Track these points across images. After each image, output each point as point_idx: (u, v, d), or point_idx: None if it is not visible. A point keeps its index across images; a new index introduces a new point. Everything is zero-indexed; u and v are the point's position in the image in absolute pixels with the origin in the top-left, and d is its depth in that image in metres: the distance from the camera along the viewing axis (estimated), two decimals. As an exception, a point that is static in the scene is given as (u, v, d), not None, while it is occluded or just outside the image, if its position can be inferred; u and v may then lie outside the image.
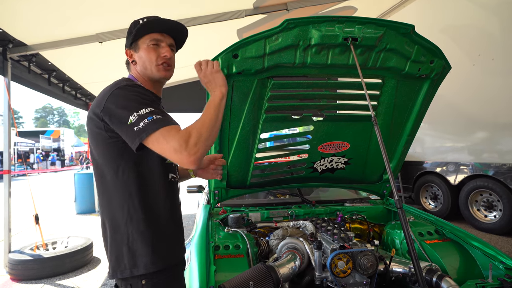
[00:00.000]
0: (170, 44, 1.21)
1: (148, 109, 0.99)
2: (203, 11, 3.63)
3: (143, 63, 1.16)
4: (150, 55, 1.16)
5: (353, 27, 1.42)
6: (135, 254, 1.05)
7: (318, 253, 1.42)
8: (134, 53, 1.19)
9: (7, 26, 3.08)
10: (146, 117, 0.97)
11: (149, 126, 0.96)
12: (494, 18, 4.34)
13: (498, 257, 1.54)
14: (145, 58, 1.16)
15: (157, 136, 0.96)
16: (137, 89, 1.07)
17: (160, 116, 0.99)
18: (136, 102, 1.01)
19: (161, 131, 0.96)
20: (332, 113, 1.80)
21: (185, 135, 0.98)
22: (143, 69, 1.17)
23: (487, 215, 4.81)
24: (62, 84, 5.03)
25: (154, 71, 1.16)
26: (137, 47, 1.18)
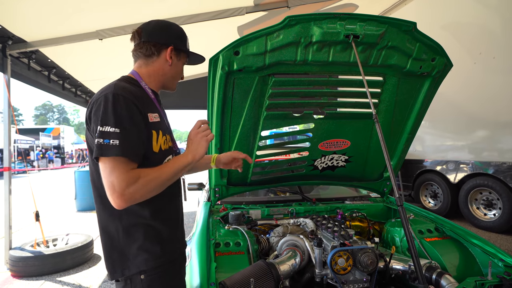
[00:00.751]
0: None
1: (113, 129, 0.95)
2: (204, 8, 3.62)
3: (176, 73, 1.24)
4: (179, 72, 1.26)
5: (355, 24, 1.41)
6: (126, 253, 1.05)
7: (318, 251, 1.43)
8: (175, 58, 1.21)
9: (6, 22, 3.07)
10: (105, 137, 0.94)
11: (104, 147, 0.94)
12: (496, 16, 4.32)
13: (498, 254, 1.54)
14: (178, 71, 1.25)
15: (106, 162, 0.95)
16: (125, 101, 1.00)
17: (117, 143, 0.94)
18: (110, 115, 0.97)
19: (111, 160, 0.94)
20: (333, 111, 1.80)
21: (131, 179, 0.95)
22: (171, 76, 1.23)
23: (486, 214, 4.82)
24: (62, 81, 5.02)
25: (174, 85, 1.28)
26: (180, 56, 1.24)
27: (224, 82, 1.53)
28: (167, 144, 1.15)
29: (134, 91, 1.07)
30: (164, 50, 1.17)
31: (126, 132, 0.97)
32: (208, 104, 1.66)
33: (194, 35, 4.22)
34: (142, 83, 1.16)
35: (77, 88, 5.63)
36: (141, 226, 1.06)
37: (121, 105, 0.98)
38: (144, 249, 1.05)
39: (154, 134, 1.08)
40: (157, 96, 1.22)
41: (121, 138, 0.95)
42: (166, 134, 1.16)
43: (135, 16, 3.43)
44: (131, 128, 0.98)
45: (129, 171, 0.96)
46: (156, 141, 1.09)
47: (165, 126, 1.17)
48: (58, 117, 66.92)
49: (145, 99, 1.11)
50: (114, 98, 0.98)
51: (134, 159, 0.98)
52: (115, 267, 1.06)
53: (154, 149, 1.08)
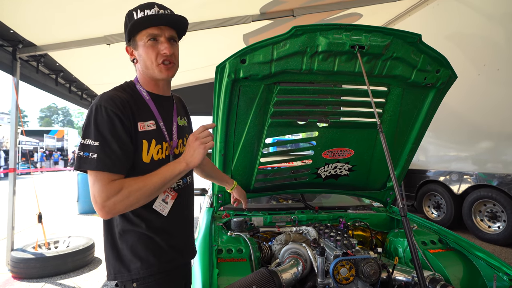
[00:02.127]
0: (169, 36, 1.09)
1: (92, 142, 0.95)
2: (210, 15, 3.67)
3: (144, 63, 1.08)
4: (148, 54, 1.06)
5: (360, 35, 1.44)
6: (122, 259, 1.06)
7: (321, 259, 1.42)
8: (134, 51, 1.10)
9: (17, 26, 3.14)
10: (85, 150, 0.95)
11: (83, 161, 0.95)
12: (500, 28, 4.34)
13: (503, 268, 1.53)
14: (144, 57, 1.07)
15: (89, 174, 0.97)
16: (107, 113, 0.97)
17: (95, 156, 0.94)
18: (92, 128, 0.96)
19: (91, 173, 0.95)
20: (337, 120, 1.81)
21: (112, 191, 0.94)
22: (145, 69, 1.09)
23: (490, 226, 4.77)
24: (69, 85, 5.09)
25: (156, 72, 1.08)
26: (135, 45, 1.09)
27: (230, 90, 1.55)
28: (163, 153, 1.09)
29: (123, 99, 1.02)
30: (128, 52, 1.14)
31: (106, 145, 0.96)
32: (214, 111, 1.68)
33: (200, 42, 4.29)
34: (138, 85, 1.13)
35: (83, 91, 5.70)
36: (135, 234, 1.06)
37: (102, 116, 0.97)
38: (138, 256, 1.05)
39: (144, 143, 1.04)
40: (158, 99, 1.15)
41: (100, 151, 0.95)
42: (163, 142, 1.10)
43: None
44: (111, 141, 0.96)
45: (109, 183, 0.95)
46: (147, 151, 1.05)
47: (161, 134, 1.11)
48: (63, 119, 67.53)
49: (138, 106, 1.06)
50: (97, 110, 0.98)
51: (115, 171, 0.97)
52: (110, 270, 1.08)
53: (144, 159, 1.05)
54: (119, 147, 0.98)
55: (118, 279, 1.06)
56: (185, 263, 1.24)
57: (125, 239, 1.06)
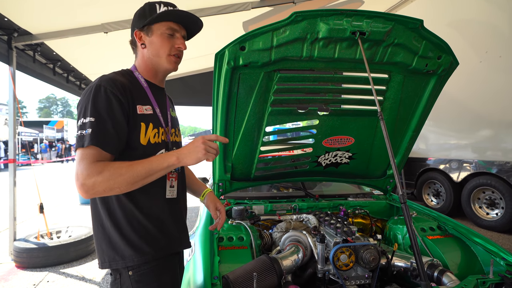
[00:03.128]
0: (183, 35, 1.19)
1: (88, 119, 0.96)
2: (209, 2, 3.60)
3: (155, 49, 1.13)
4: (164, 43, 1.13)
5: (361, 21, 1.41)
6: (116, 247, 1.06)
7: (321, 246, 1.44)
8: (145, 36, 1.14)
9: (12, 14, 3.08)
10: (82, 129, 0.96)
11: (79, 139, 0.95)
12: (503, 14, 4.27)
13: (500, 253, 1.55)
14: (158, 45, 1.13)
15: (78, 153, 0.95)
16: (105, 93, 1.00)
17: (89, 131, 0.94)
18: (89, 107, 0.97)
19: (82, 150, 0.95)
20: (337, 108, 1.80)
21: (96, 169, 0.93)
22: (153, 56, 1.14)
23: (489, 213, 4.82)
24: (67, 74, 5.04)
25: (165, 61, 1.15)
26: (150, 31, 1.13)
27: (229, 77, 1.53)
28: (159, 137, 1.12)
29: (123, 82, 1.06)
30: (135, 39, 1.17)
31: (101, 122, 0.97)
32: (213, 99, 1.67)
33: (198, 30, 4.21)
34: (136, 73, 1.17)
35: (82, 81, 5.65)
36: (129, 220, 1.06)
37: (101, 96, 0.99)
38: (131, 244, 1.05)
39: (142, 126, 1.07)
40: (155, 88, 1.19)
41: (94, 127, 0.96)
42: (159, 127, 1.13)
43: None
44: (106, 119, 0.98)
45: (95, 162, 0.94)
46: (145, 133, 1.08)
47: (158, 119, 1.14)
48: (62, 110, 67.31)
49: (137, 90, 1.10)
50: (96, 89, 1.00)
51: (106, 149, 0.97)
52: (104, 257, 1.07)
53: (142, 141, 1.07)
54: (113, 127, 0.99)
55: (113, 267, 1.06)
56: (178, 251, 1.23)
57: (118, 227, 1.06)
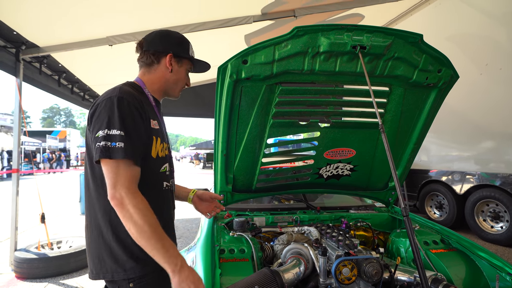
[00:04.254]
0: None
1: (118, 132, 0.98)
2: (212, 16, 3.68)
3: (177, 79, 1.27)
4: (184, 79, 1.30)
5: (362, 36, 1.44)
6: (118, 259, 1.06)
7: (323, 259, 1.43)
8: (176, 64, 1.25)
9: (20, 28, 3.16)
10: (112, 140, 0.98)
11: (111, 150, 0.97)
12: (502, 27, 4.33)
13: (506, 268, 1.52)
14: (181, 77, 1.28)
15: (110, 164, 0.98)
16: (129, 105, 1.04)
17: (122, 146, 0.98)
18: (116, 119, 1.00)
19: (116, 162, 0.98)
20: (338, 120, 1.81)
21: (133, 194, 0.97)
22: (173, 83, 1.26)
23: (493, 226, 4.75)
24: (71, 86, 5.11)
25: (177, 91, 1.31)
26: (181, 63, 1.27)
27: (232, 90, 1.56)
28: (164, 152, 1.18)
29: (137, 96, 1.10)
30: (164, 58, 1.22)
31: (130, 135, 1.01)
32: (216, 111, 1.69)
33: (201, 43, 4.30)
34: (146, 90, 1.20)
35: (86, 92, 5.73)
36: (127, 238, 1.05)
37: (125, 108, 1.02)
38: (134, 257, 1.06)
39: (154, 139, 1.12)
40: (158, 105, 1.25)
41: (126, 141, 0.99)
42: (164, 143, 1.19)
43: (144, 23, 3.50)
44: (133, 132, 1.02)
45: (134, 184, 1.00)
46: (155, 147, 1.12)
47: (163, 134, 1.21)
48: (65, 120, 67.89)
49: (147, 105, 1.14)
50: (119, 101, 1.02)
51: (137, 161, 1.02)
52: (106, 268, 1.07)
53: (153, 154, 1.12)
54: (138, 139, 1.04)
55: (115, 278, 1.06)
56: None
57: (120, 239, 1.06)
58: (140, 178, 1.06)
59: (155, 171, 1.14)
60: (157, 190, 1.15)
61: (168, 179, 1.22)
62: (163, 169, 1.18)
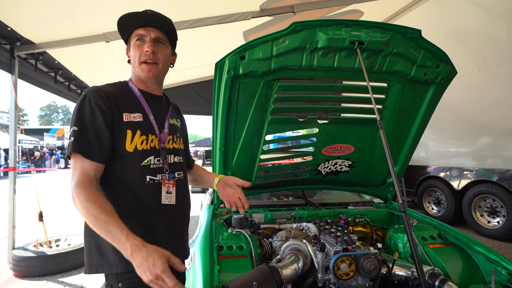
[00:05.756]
0: (155, 37, 1.14)
1: (72, 128, 1.05)
2: (209, 12, 3.65)
3: (132, 62, 1.17)
4: (135, 53, 1.14)
5: (360, 31, 1.43)
6: (104, 253, 1.06)
7: (321, 255, 1.43)
8: (128, 52, 1.20)
9: (15, 24, 3.12)
10: (70, 137, 1.05)
11: (68, 146, 1.05)
12: (501, 23, 4.33)
13: (501, 262, 1.53)
14: (132, 56, 1.16)
15: (71, 157, 1.05)
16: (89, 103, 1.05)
17: (72, 140, 1.03)
18: (75, 118, 1.05)
19: (72, 159, 1.04)
20: (337, 116, 1.81)
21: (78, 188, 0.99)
22: (133, 67, 1.19)
23: (490, 221, 4.79)
24: (68, 83, 5.06)
25: (139, 70, 1.15)
26: (129, 45, 1.19)
27: (229, 86, 1.55)
28: (147, 144, 1.12)
29: (109, 92, 1.10)
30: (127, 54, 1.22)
31: (83, 130, 1.04)
32: (214, 108, 1.68)
33: (199, 39, 4.27)
34: (130, 83, 1.21)
35: (83, 89, 5.67)
36: None
37: (85, 106, 1.06)
38: (116, 251, 0.99)
39: (129, 133, 1.09)
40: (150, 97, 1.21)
41: (76, 135, 1.03)
42: (150, 134, 1.13)
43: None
44: (88, 128, 1.04)
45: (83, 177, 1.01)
46: (131, 140, 1.09)
47: (150, 127, 1.14)
48: (63, 117, 67.56)
49: (126, 99, 1.13)
50: (82, 100, 1.07)
51: (87, 156, 1.03)
52: (92, 261, 1.09)
53: (127, 148, 1.09)
54: (95, 136, 1.04)
55: (99, 272, 1.07)
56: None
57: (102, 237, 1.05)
58: (115, 172, 1.09)
59: (133, 165, 1.10)
60: (136, 184, 1.10)
61: (155, 173, 1.14)
62: (146, 163, 1.11)
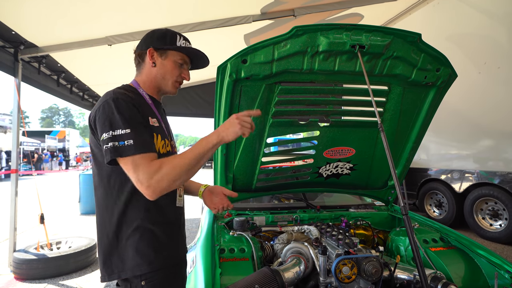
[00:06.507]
0: (189, 68, 1.30)
1: (123, 131, 1.00)
2: (211, 16, 3.68)
3: (164, 73, 1.21)
4: (174, 70, 1.22)
5: (361, 35, 1.44)
6: (124, 258, 1.07)
7: (323, 258, 1.43)
8: (159, 58, 1.21)
9: (19, 28, 3.15)
10: (118, 140, 0.99)
11: (121, 149, 0.99)
12: (501, 26, 4.34)
13: (504, 266, 1.53)
14: (168, 70, 1.21)
15: (128, 161, 1.00)
16: (126, 104, 1.05)
17: (132, 142, 0.99)
18: (117, 119, 1.01)
19: (130, 158, 0.99)
20: (338, 119, 1.82)
21: (154, 168, 0.98)
22: (161, 77, 1.22)
23: (492, 224, 4.77)
24: (70, 86, 5.09)
25: (170, 85, 1.24)
26: (165, 55, 1.21)
27: (231, 89, 1.56)
28: (165, 148, 1.18)
29: (131, 96, 1.11)
30: (145, 55, 1.22)
31: (136, 130, 1.03)
32: (215, 111, 1.69)
33: (201, 43, 4.28)
34: (140, 89, 1.22)
35: (85, 92, 5.71)
36: (138, 230, 1.08)
37: (123, 107, 1.04)
38: (140, 253, 1.06)
39: (154, 136, 1.12)
40: (156, 103, 1.25)
41: (134, 137, 1.01)
42: (165, 139, 1.19)
43: (143, 23, 3.50)
44: (139, 126, 1.04)
45: (150, 163, 1.00)
46: (156, 143, 1.13)
47: (164, 131, 1.20)
48: (64, 120, 67.71)
49: (143, 104, 1.15)
50: (116, 102, 1.04)
51: (150, 150, 1.03)
52: (113, 269, 1.08)
53: None
54: (146, 131, 1.07)
55: (122, 277, 1.07)
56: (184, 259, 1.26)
57: (127, 237, 1.07)
58: None
59: None
60: None
61: None
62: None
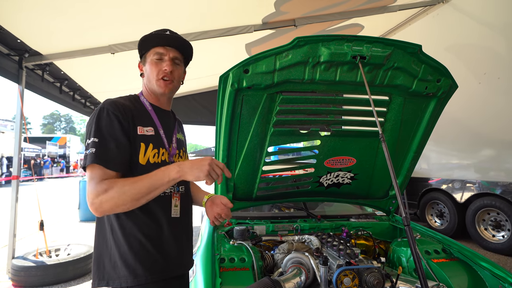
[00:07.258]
0: (173, 57, 1.22)
1: (92, 140, 1.03)
2: (213, 25, 3.73)
3: (148, 76, 1.22)
4: (152, 69, 1.20)
5: (362, 46, 1.46)
6: (116, 265, 1.07)
7: (324, 269, 1.42)
8: (143, 66, 1.25)
9: (24, 36, 3.20)
10: (87, 148, 1.03)
11: (85, 157, 1.03)
12: (500, 36, 4.38)
13: (508, 279, 1.51)
14: (149, 72, 1.21)
15: (87, 171, 1.03)
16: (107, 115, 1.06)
17: (93, 151, 1.00)
18: (93, 128, 1.05)
19: (89, 168, 1.02)
20: (339, 129, 1.82)
21: (103, 188, 0.98)
22: (148, 82, 1.23)
23: (495, 235, 4.72)
24: (73, 93, 5.14)
25: (155, 86, 1.20)
26: (145, 61, 1.24)
27: (233, 99, 1.57)
28: (159, 158, 1.15)
29: (125, 105, 1.12)
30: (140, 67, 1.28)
31: (104, 141, 1.03)
32: (217, 120, 1.70)
33: (203, 52, 4.34)
34: (142, 98, 1.24)
35: (87, 99, 5.75)
36: (128, 240, 1.07)
37: (103, 117, 1.06)
38: (126, 264, 1.06)
39: (142, 146, 1.11)
40: (158, 111, 1.24)
41: (97, 147, 1.02)
42: (161, 148, 1.16)
43: (146, 32, 3.53)
44: (109, 139, 1.04)
45: (102, 181, 1.00)
46: (144, 153, 1.11)
47: (161, 140, 1.18)
48: (65, 126, 67.92)
49: (139, 112, 1.16)
50: (99, 112, 1.07)
51: (109, 167, 1.02)
52: (104, 275, 1.09)
53: (141, 161, 1.10)
54: (115, 146, 1.05)
55: (110, 285, 1.07)
56: (181, 274, 1.23)
57: (119, 245, 1.07)
58: None
59: None
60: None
61: None
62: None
